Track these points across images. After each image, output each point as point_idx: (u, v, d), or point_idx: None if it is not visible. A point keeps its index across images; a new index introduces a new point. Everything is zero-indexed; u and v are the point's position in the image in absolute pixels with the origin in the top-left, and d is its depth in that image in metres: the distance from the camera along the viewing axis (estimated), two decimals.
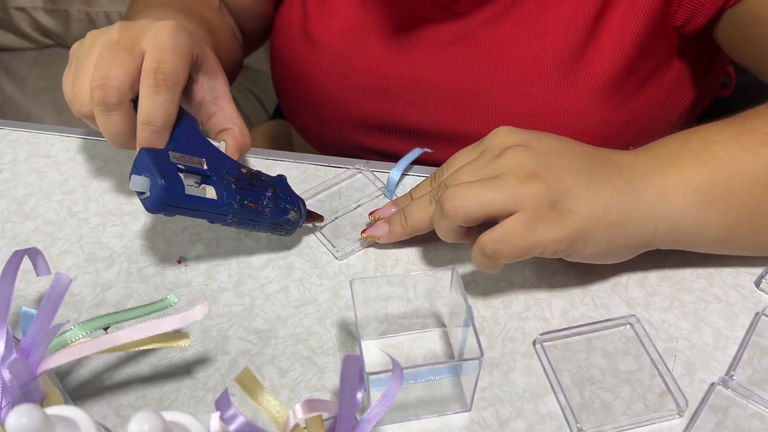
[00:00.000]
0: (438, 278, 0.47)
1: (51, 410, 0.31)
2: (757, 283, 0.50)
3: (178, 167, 0.46)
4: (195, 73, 0.52)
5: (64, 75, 0.51)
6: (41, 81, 1.20)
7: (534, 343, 0.47)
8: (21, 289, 0.52)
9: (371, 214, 0.54)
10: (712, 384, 0.45)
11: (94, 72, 0.47)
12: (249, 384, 0.35)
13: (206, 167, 0.48)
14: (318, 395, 0.45)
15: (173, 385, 0.46)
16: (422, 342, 0.48)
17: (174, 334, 0.41)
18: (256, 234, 0.55)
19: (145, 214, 0.57)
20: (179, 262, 0.53)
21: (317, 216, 0.55)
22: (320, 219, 0.55)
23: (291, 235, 0.53)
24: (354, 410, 0.32)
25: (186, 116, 0.51)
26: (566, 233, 0.44)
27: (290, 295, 0.51)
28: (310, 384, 0.46)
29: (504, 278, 0.51)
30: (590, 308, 0.49)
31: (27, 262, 0.41)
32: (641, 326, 0.47)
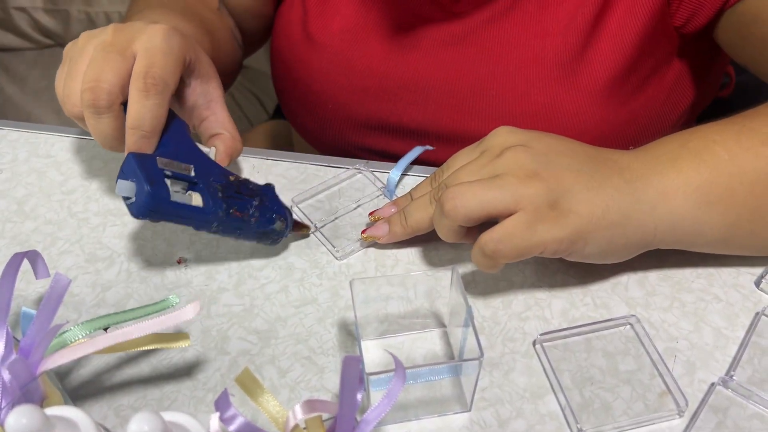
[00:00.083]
0: (438, 278, 0.47)
1: (51, 411, 0.31)
2: (757, 283, 0.50)
3: (165, 173, 0.46)
4: (188, 77, 0.52)
5: (57, 74, 0.51)
6: (41, 81, 1.19)
7: (534, 343, 0.47)
8: (21, 290, 0.52)
9: (371, 215, 0.54)
10: (712, 384, 0.45)
11: (86, 73, 0.47)
12: (249, 384, 0.35)
13: (194, 174, 0.48)
14: (318, 395, 0.45)
15: (173, 386, 0.46)
16: (422, 342, 0.48)
17: (174, 335, 0.41)
18: None
19: None
20: (179, 263, 0.53)
21: (303, 226, 0.54)
22: (306, 229, 0.54)
23: (276, 245, 0.53)
24: (354, 411, 0.32)
25: (177, 121, 0.51)
26: (566, 233, 0.44)
27: (290, 295, 0.51)
28: (310, 384, 0.46)
29: (504, 278, 0.51)
30: (590, 308, 0.49)
31: (27, 262, 0.41)
32: (641, 326, 0.47)
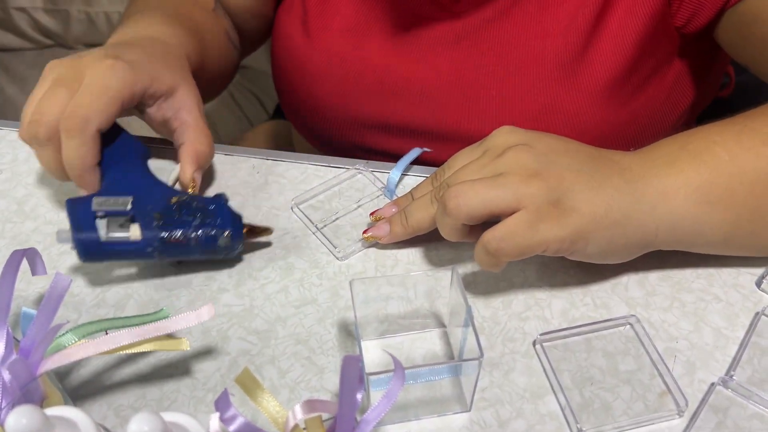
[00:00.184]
0: (438, 278, 0.47)
1: (51, 411, 0.31)
2: (758, 284, 0.50)
3: (97, 215, 0.48)
4: (148, 100, 0.53)
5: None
6: None
7: (534, 343, 0.47)
8: (21, 290, 0.52)
9: (372, 215, 0.54)
10: (712, 384, 0.45)
11: (36, 105, 0.49)
12: (249, 384, 0.35)
13: (130, 207, 0.48)
14: (318, 395, 0.45)
15: (173, 386, 0.46)
16: (422, 342, 0.48)
17: (173, 338, 0.41)
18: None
19: None
20: (179, 262, 0.53)
21: (263, 230, 0.52)
22: (267, 231, 0.53)
23: (233, 256, 0.52)
24: (354, 411, 0.32)
25: (132, 147, 0.53)
26: (568, 232, 0.44)
27: (290, 296, 0.51)
28: (310, 384, 0.46)
29: (504, 278, 0.51)
30: (590, 308, 0.49)
31: (26, 263, 0.41)
32: (641, 326, 0.47)
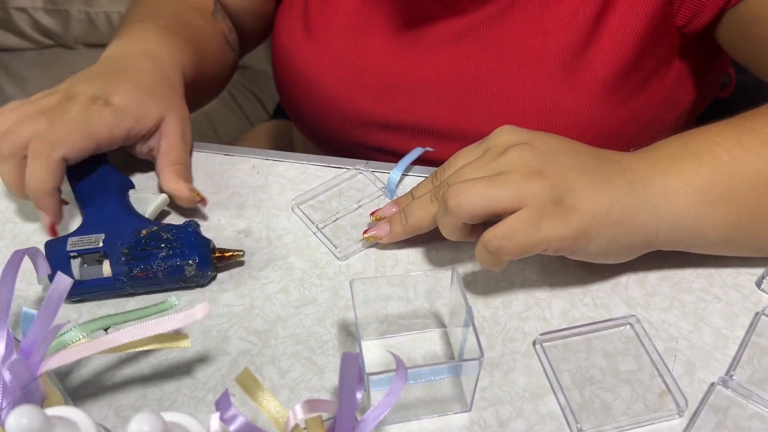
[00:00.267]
0: (438, 278, 0.47)
1: (51, 411, 0.31)
2: (758, 284, 0.50)
3: (71, 255, 0.49)
4: (132, 140, 0.55)
5: None
6: (41, 81, 1.19)
7: (534, 343, 0.47)
8: (22, 290, 0.52)
9: (372, 214, 0.54)
10: (712, 384, 0.45)
11: (13, 123, 0.51)
12: (249, 384, 0.35)
13: (102, 244, 0.49)
14: (318, 395, 0.45)
15: (173, 386, 0.46)
16: (422, 342, 0.48)
17: (174, 336, 0.41)
18: (257, 233, 0.55)
19: None
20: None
21: (233, 253, 0.52)
22: (238, 255, 0.52)
23: (206, 283, 0.51)
24: (354, 410, 0.32)
25: (110, 179, 0.54)
26: (570, 231, 0.44)
27: (290, 296, 0.51)
28: (310, 384, 0.46)
29: (504, 278, 0.51)
30: (590, 308, 0.49)
31: (27, 263, 0.41)
32: (641, 326, 0.47)
